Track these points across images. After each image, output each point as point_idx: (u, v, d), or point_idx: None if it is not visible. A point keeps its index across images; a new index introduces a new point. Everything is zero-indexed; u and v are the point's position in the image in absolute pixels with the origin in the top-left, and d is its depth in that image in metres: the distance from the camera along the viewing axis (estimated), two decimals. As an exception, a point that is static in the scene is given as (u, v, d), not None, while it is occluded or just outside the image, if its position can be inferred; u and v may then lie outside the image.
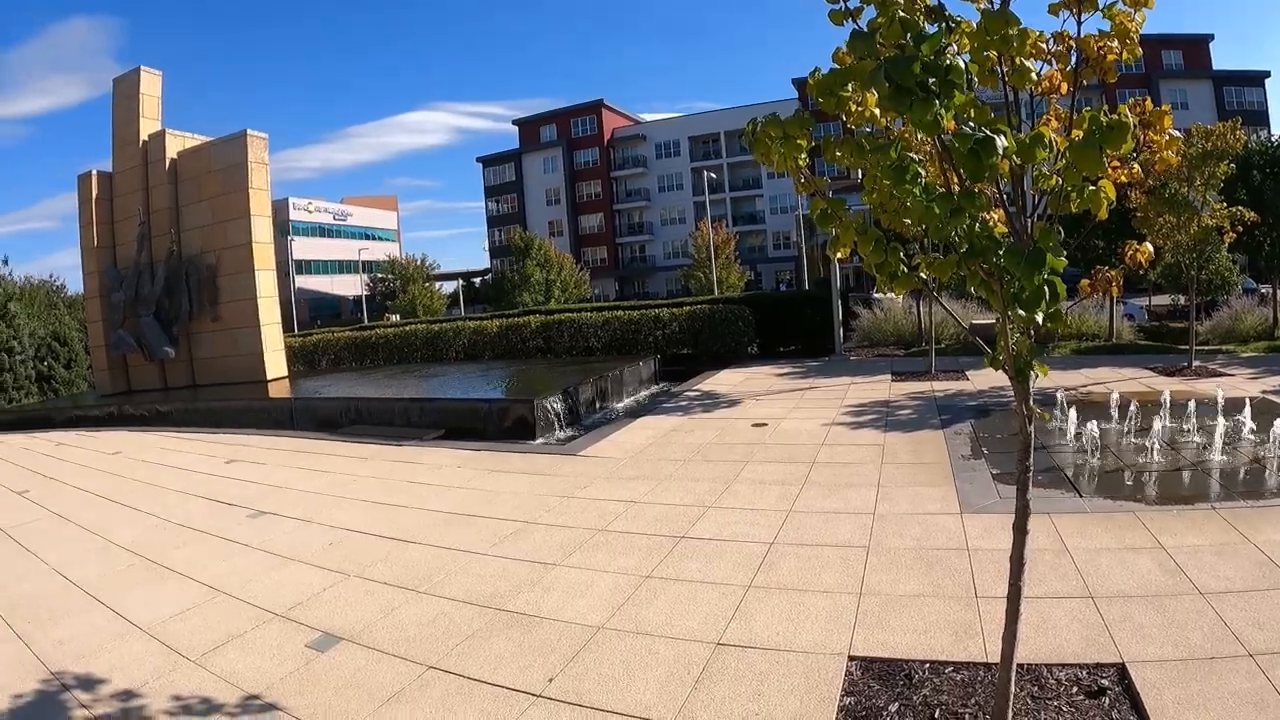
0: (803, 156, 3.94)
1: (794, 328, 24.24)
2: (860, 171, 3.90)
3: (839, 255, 4.19)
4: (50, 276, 62.03)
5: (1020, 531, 4.28)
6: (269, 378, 26.06)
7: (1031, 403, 4.05)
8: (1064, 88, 4.14)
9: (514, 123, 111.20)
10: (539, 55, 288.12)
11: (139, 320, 28.66)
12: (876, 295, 40.51)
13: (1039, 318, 3.45)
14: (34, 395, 39.04)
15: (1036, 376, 3.89)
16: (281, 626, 6.92)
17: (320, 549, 9.07)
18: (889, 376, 18.28)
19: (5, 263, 41.20)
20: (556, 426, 16.08)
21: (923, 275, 4.08)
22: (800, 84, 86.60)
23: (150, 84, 29.27)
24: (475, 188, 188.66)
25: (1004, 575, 6.33)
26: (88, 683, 6.29)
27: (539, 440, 15.19)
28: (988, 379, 16.73)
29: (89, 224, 30.13)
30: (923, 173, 3.51)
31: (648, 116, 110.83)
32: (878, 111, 3.84)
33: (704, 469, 11.12)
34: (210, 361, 27.82)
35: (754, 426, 13.84)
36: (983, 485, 9.20)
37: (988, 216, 3.83)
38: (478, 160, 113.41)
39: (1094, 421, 10.80)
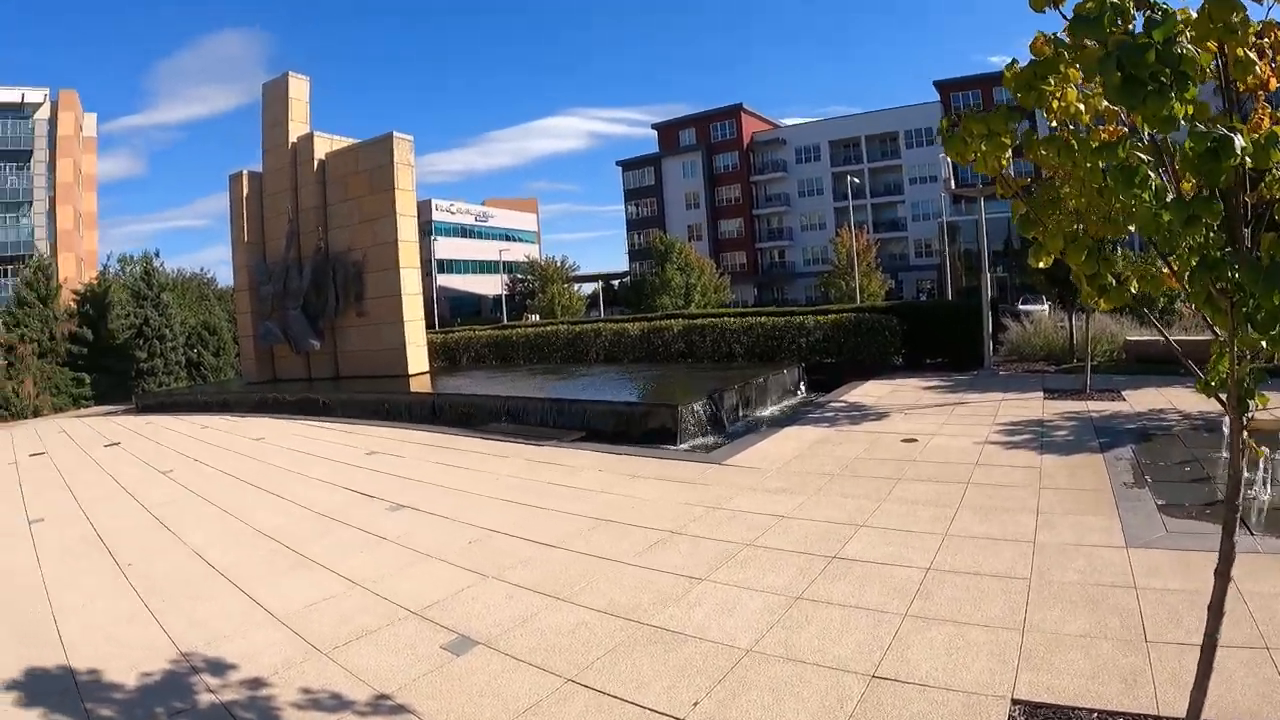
0: (1006, 156, 3.55)
1: (941, 339, 23.34)
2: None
3: (1042, 264, 3.80)
4: (201, 270, 64.87)
5: (1223, 578, 3.81)
6: (411, 372, 26.64)
7: (1246, 435, 3.56)
8: (1273, 83, 3.65)
9: (653, 126, 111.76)
10: (677, 61, 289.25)
11: (286, 313, 29.94)
12: (1023, 307, 39.03)
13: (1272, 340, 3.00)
14: (183, 380, 41.06)
15: (1255, 407, 3.42)
16: (417, 625, 6.77)
17: (459, 548, 8.94)
18: (1041, 394, 17.32)
19: (159, 256, 43.54)
20: (700, 433, 15.72)
21: (1133, 290, 3.64)
22: (943, 86, 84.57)
23: (298, 88, 30.70)
24: (613, 191, 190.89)
25: (1175, 618, 5.86)
26: (217, 667, 6.29)
27: (682, 446, 14.86)
28: (1145, 400, 15.67)
29: (240, 220, 31.94)
30: (1152, 175, 3.09)
31: (787, 121, 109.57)
32: (1082, 107, 3.44)
33: (854, 485, 10.60)
34: (354, 354, 28.66)
35: (904, 442, 13.22)
36: (1147, 517, 8.42)
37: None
38: (617, 164, 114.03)
39: (1267, 449, 9.94)
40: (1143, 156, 3.01)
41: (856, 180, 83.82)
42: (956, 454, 11.96)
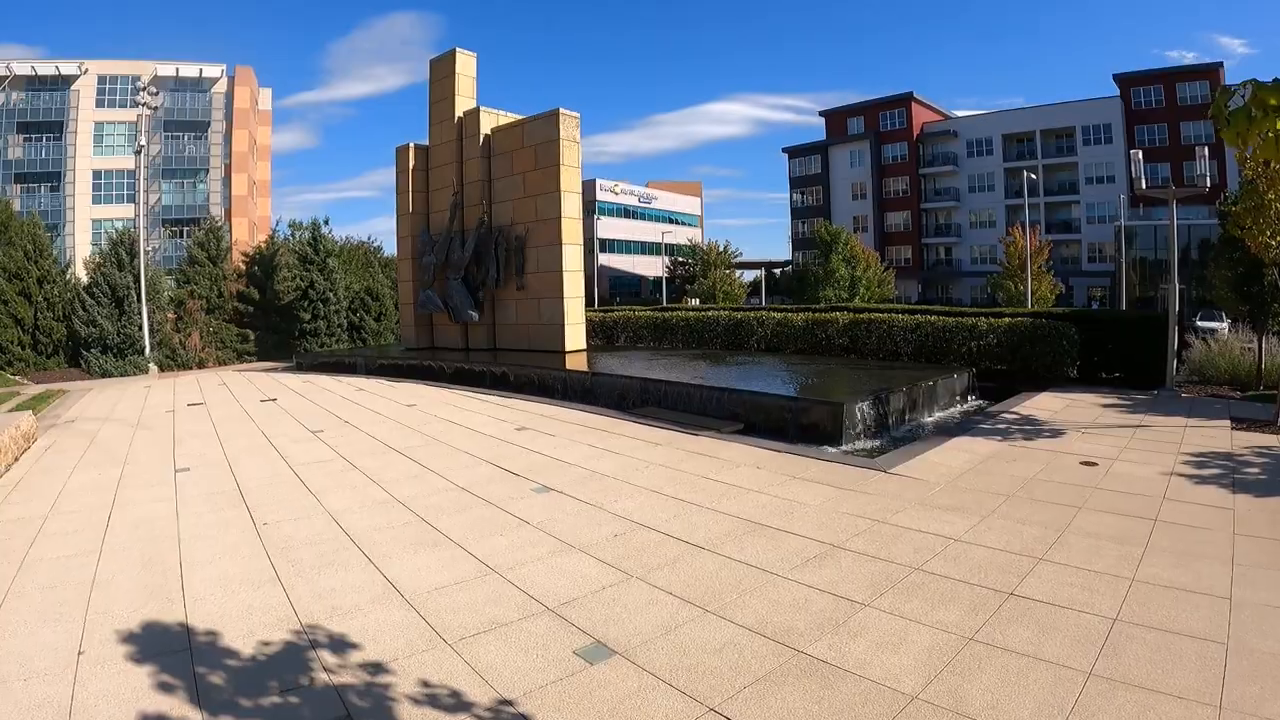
0: None
1: (1121, 352, 21.74)
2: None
3: None
4: (369, 238, 67.32)
5: None
6: (567, 349, 26.51)
7: None
8: None
9: (820, 113, 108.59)
10: (844, 49, 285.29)
11: (447, 283, 30.45)
12: (1202, 324, 36.59)
13: None
14: (345, 342, 42.42)
15: None
16: (550, 623, 6.32)
17: (604, 539, 8.49)
18: (1228, 422, 15.77)
19: (327, 223, 45.46)
20: (863, 435, 14.89)
21: None
22: (1123, 80, 79.61)
23: (465, 64, 30.95)
24: (777, 179, 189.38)
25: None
26: (337, 645, 6.04)
27: (844, 448, 14.08)
28: (1343, 438, 14.19)
29: (405, 192, 32.75)
30: None
31: (959, 112, 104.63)
32: None
33: (1030, 509, 9.63)
34: (512, 328, 28.79)
35: (1083, 465, 12.09)
36: None
37: None
38: (783, 151, 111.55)
39: None
40: None
41: (1032, 176, 79.86)
42: (1141, 484, 10.84)
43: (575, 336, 26.98)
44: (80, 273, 45.89)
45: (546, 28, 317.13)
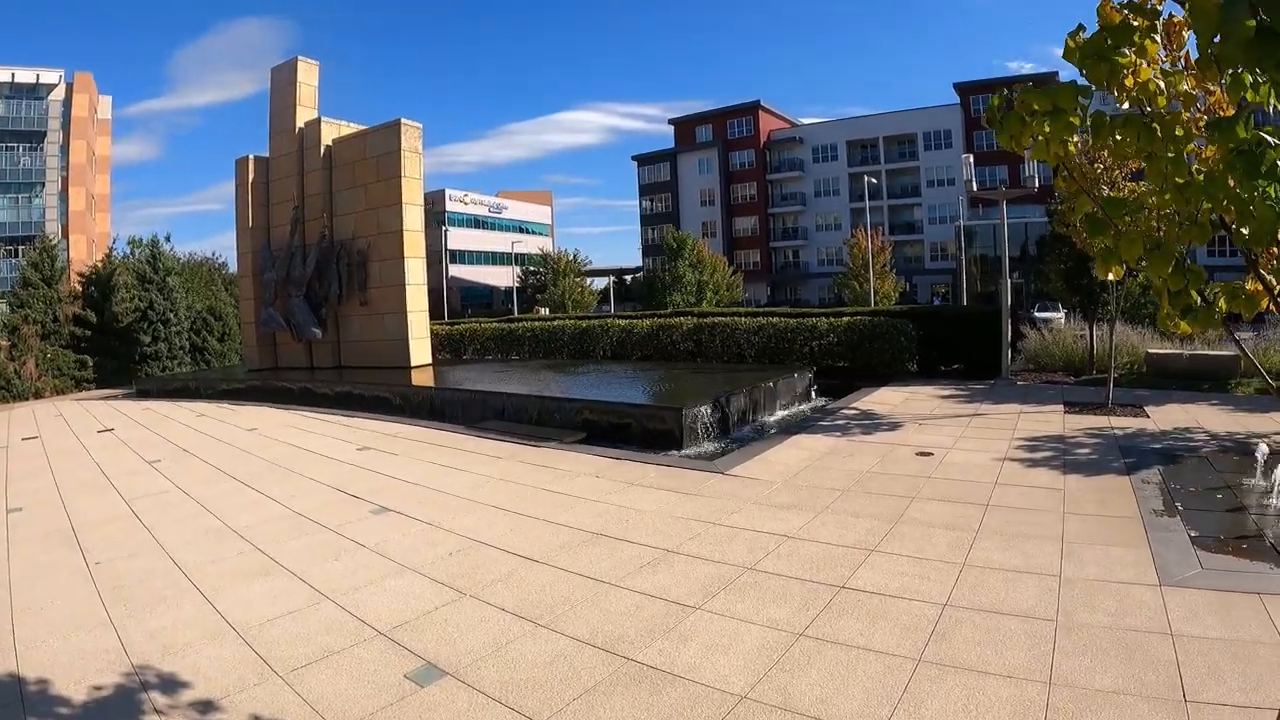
0: (1074, 139, 3.00)
1: (958, 346, 22.73)
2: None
3: (1111, 276, 3.25)
4: (213, 254, 65.41)
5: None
6: (413, 364, 26.16)
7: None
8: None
9: (669, 122, 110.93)
10: (695, 58, 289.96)
11: (289, 300, 29.55)
12: (1039, 315, 38.39)
13: None
14: (187, 365, 40.96)
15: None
16: (383, 648, 6.35)
17: (439, 558, 8.53)
18: (1061, 407, 16.75)
19: (168, 239, 43.77)
20: (705, 438, 15.24)
21: (1221, 309, 3.07)
22: (964, 88, 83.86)
23: (307, 73, 30.14)
24: (629, 186, 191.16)
25: (1216, 672, 5.34)
26: (168, 685, 5.94)
27: (685, 451, 14.38)
28: (1170, 417, 15.11)
29: (245, 206, 31.50)
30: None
31: (805, 120, 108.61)
32: (1162, 84, 2.90)
33: (865, 502, 10.08)
34: (356, 345, 28.22)
35: (918, 455, 12.69)
36: (1181, 550, 7.80)
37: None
38: (633, 159, 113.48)
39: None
40: (1270, 140, 2.43)
41: (874, 181, 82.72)
42: (974, 471, 11.47)
43: (421, 351, 26.66)
44: None
45: (399, 36, 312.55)
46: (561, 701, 5.40)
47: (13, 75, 78.77)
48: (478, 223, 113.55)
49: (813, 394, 20.65)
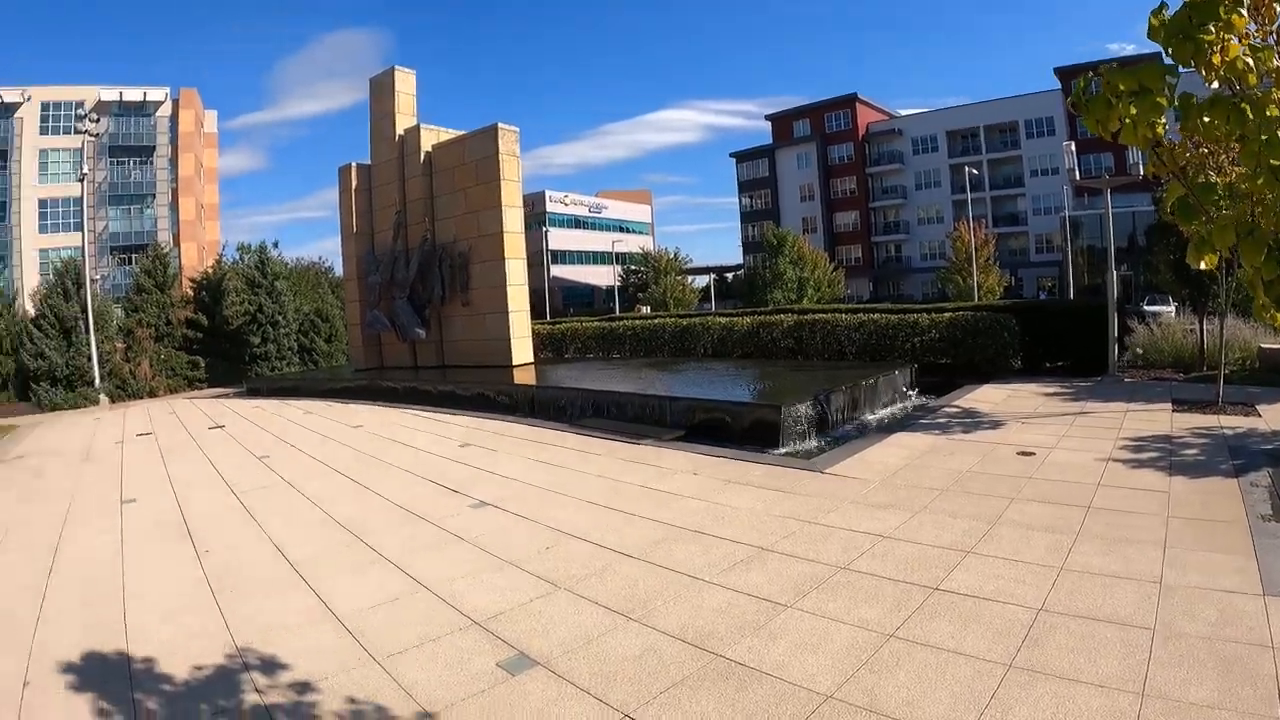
0: (1162, 122, 2.90)
1: (1063, 342, 22.03)
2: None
3: (1204, 265, 3.15)
4: (319, 259, 67.59)
5: None
6: (514, 363, 26.61)
7: None
8: None
9: (767, 118, 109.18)
10: (791, 54, 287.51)
11: (393, 302, 30.50)
12: (1148, 308, 37.05)
13: None
14: (295, 365, 42.28)
15: None
16: (477, 637, 6.51)
17: (535, 552, 8.67)
18: (1169, 405, 16.12)
19: (275, 245, 45.11)
20: (804, 436, 15.12)
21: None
22: (1064, 72, 79.36)
23: (404, 81, 31.04)
24: (727, 183, 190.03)
25: (1320, 690, 5.03)
26: (269, 666, 6.21)
27: (783, 450, 14.30)
28: (1283, 416, 14.58)
29: (348, 212, 32.76)
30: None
31: (903, 111, 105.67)
32: (1250, 62, 2.82)
33: (963, 502, 9.88)
34: (459, 344, 28.87)
35: (1019, 455, 12.36)
36: None
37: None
38: (731, 155, 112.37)
39: None
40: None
41: (975, 172, 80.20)
42: (1077, 472, 11.11)
43: (522, 350, 27.08)
44: (28, 305, 45.56)
45: (496, 39, 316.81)
46: (649, 694, 5.45)
47: (120, 94, 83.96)
48: (578, 223, 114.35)
49: (914, 391, 20.36)
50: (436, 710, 5.34)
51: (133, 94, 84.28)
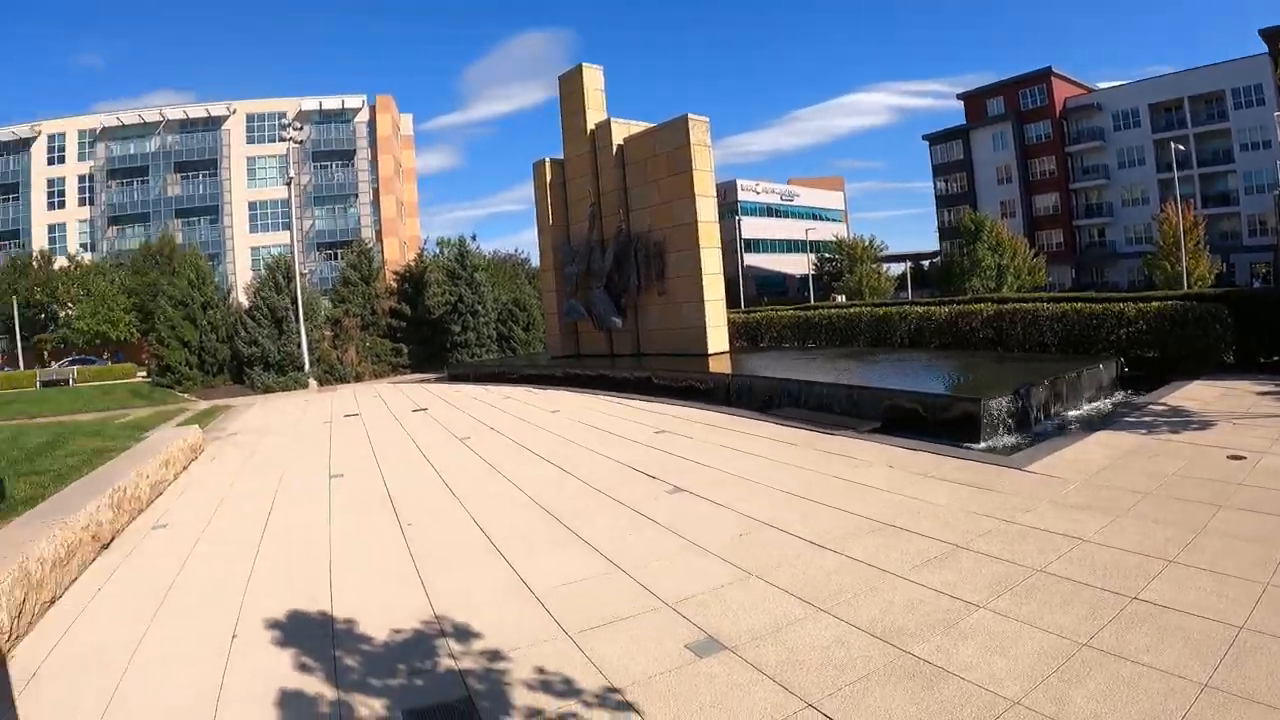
0: None
1: (1280, 335, 20.58)
2: None
3: None
4: (516, 250, 70.33)
5: None
6: (710, 351, 26.80)
7: None
8: None
9: (958, 97, 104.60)
10: (981, 27, 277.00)
11: (590, 291, 31.32)
12: None
13: None
14: (494, 352, 44.00)
15: None
16: (667, 618, 6.58)
17: (728, 539, 8.66)
18: None
19: (474, 238, 47.72)
20: (1003, 431, 14.55)
21: None
22: (1270, 34, 70.96)
23: (592, 78, 31.85)
24: (921, 167, 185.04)
25: None
26: (463, 634, 6.52)
27: (981, 445, 13.81)
28: None
29: (544, 205, 34.00)
30: None
31: (1101, 85, 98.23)
32: None
33: (1167, 508, 9.12)
34: (654, 332, 29.32)
35: (1230, 459, 11.40)
36: None
37: None
38: (924, 138, 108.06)
39: None
40: None
41: (1181, 148, 72.64)
42: (1292, 479, 10.33)
43: (717, 339, 27.24)
44: (241, 297, 49.17)
45: (678, 28, 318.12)
46: (834, 686, 5.37)
47: (320, 104, 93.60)
48: (770, 211, 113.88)
49: (1118, 387, 19.41)
50: (622, 686, 5.45)
51: (331, 103, 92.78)
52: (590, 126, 31.01)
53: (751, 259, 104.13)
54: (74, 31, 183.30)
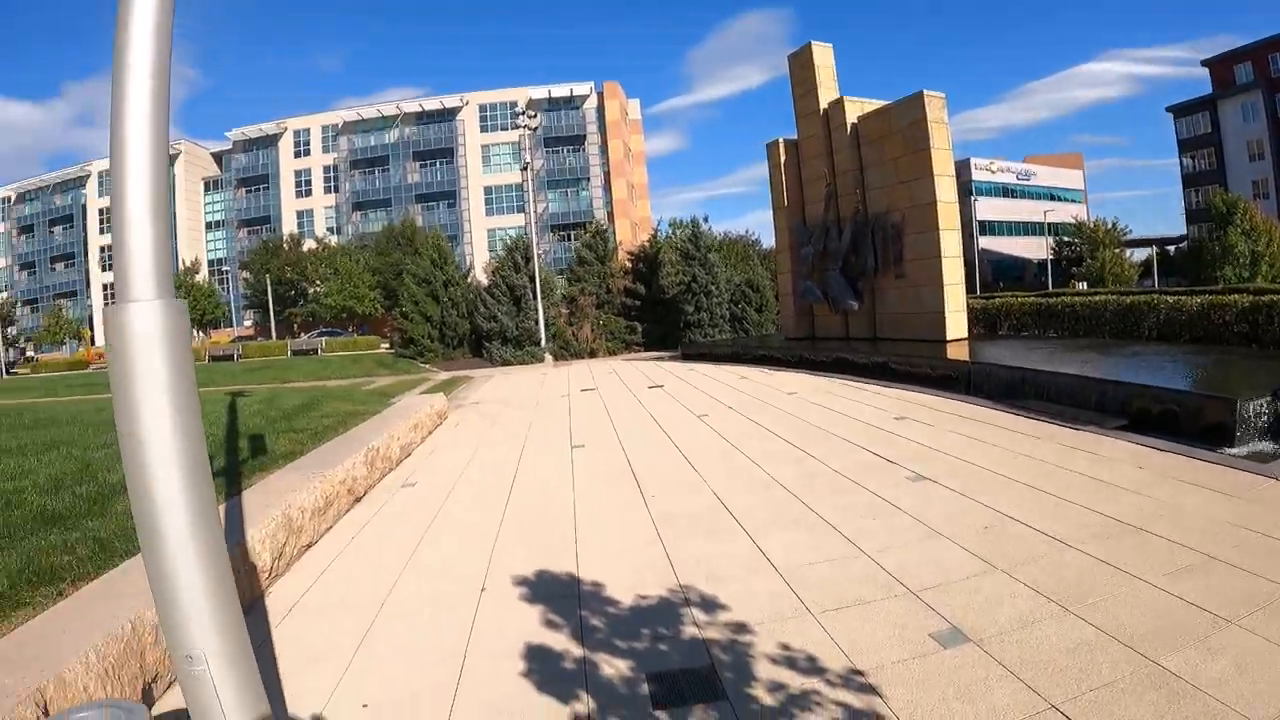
0: None
1: None
2: None
3: None
4: (746, 232, 71.30)
5: None
6: (948, 338, 26.08)
7: None
8: None
9: (1202, 63, 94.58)
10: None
11: (825, 273, 31.06)
12: None
13: None
14: (726, 333, 44.72)
15: None
16: (910, 606, 6.60)
17: (971, 530, 8.54)
18: None
19: (705, 220, 47.81)
20: (1261, 435, 13.71)
21: None
22: None
23: (822, 55, 31.30)
24: (1164, 143, 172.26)
25: None
26: (708, 605, 6.77)
27: (1236, 450, 13.03)
28: None
29: (778, 186, 33.97)
30: None
31: None
32: None
33: None
34: (891, 316, 28.82)
35: None
36: None
37: None
38: (1167, 110, 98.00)
39: None
40: None
41: None
42: None
43: (956, 325, 26.48)
44: (480, 276, 51.81)
45: (898, 4, 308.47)
46: (1077, 690, 5.26)
47: (548, 92, 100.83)
48: (1005, 191, 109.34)
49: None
50: (866, 669, 5.52)
51: (560, 91, 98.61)
52: (822, 105, 30.61)
53: (986, 242, 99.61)
54: (312, 37, 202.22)
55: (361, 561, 8.90)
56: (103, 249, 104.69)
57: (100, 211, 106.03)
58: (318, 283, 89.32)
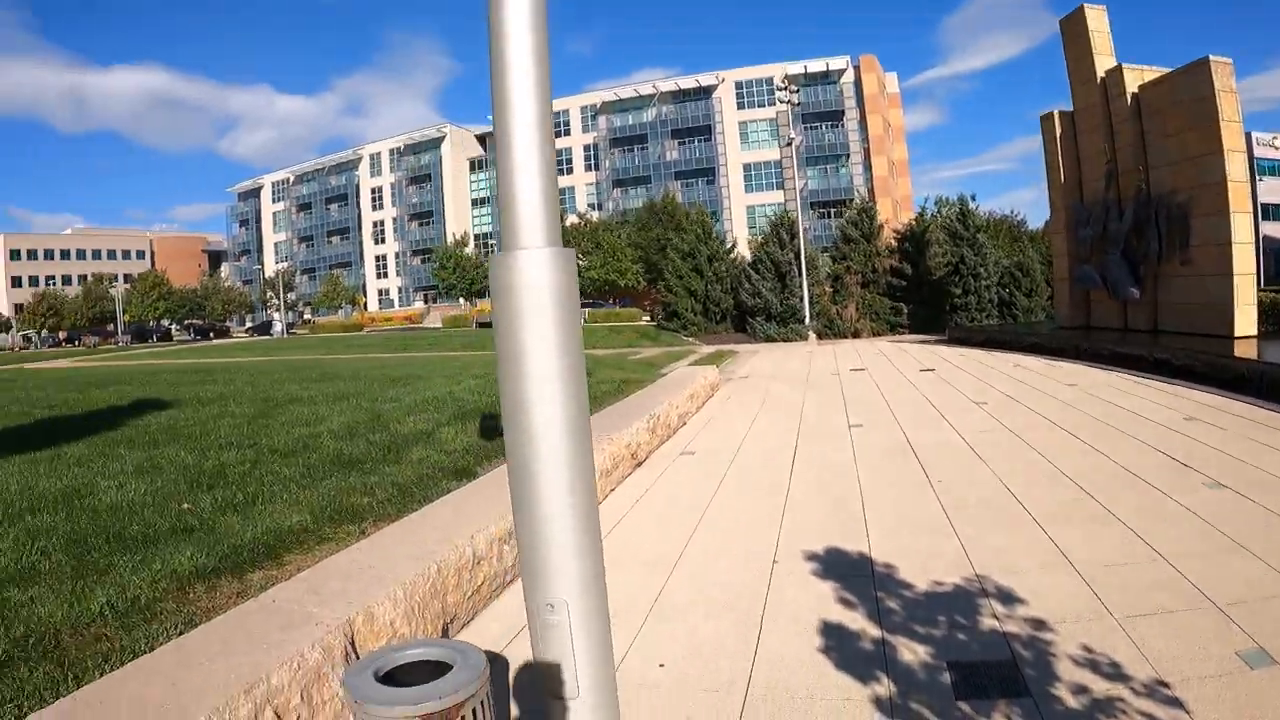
0: None
1: None
2: None
3: None
4: (1011, 211, 68.66)
5: None
6: (1235, 334, 24.00)
7: None
8: None
9: None
10: None
11: (1104, 257, 29.40)
12: None
13: None
14: (994, 318, 43.32)
15: None
16: (1215, 619, 6.30)
17: (1277, 545, 7.91)
18: None
19: (974, 199, 45.96)
20: None
21: None
22: None
23: (1096, 19, 29.26)
24: None
25: None
26: (1005, 597, 6.76)
27: None
28: None
29: (1054, 161, 32.40)
30: None
31: None
32: None
33: None
34: (1174, 307, 26.98)
35: None
36: None
37: None
38: None
39: None
40: None
41: None
42: None
43: (1244, 320, 24.29)
44: (744, 251, 52.34)
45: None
46: None
47: (805, 67, 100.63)
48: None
49: None
50: (1171, 681, 5.38)
51: (816, 65, 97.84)
52: (1099, 74, 28.86)
53: (1269, 228, 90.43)
54: (561, 22, 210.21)
55: (648, 523, 9.52)
56: (375, 224, 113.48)
57: (372, 190, 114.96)
58: (581, 257, 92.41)
